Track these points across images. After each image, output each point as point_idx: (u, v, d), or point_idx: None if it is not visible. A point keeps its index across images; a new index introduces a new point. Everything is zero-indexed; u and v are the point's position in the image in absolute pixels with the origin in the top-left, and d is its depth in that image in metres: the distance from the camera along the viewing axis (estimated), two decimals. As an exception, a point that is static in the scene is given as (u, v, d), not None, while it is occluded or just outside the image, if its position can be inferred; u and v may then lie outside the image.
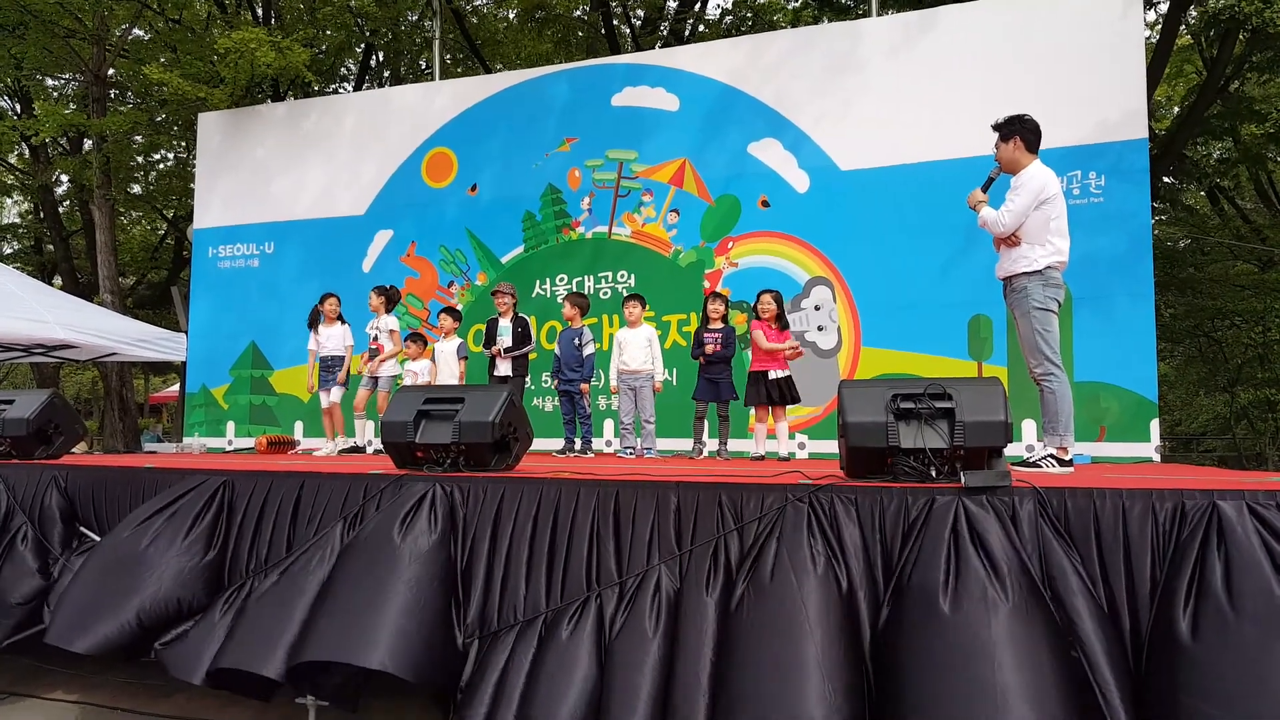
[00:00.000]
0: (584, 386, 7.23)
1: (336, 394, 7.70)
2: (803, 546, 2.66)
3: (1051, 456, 4.27)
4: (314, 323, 7.87)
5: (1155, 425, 7.11)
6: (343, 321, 7.88)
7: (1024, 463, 4.30)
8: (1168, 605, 2.38)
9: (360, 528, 3.21)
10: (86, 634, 3.26)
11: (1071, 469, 4.23)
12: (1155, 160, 8.15)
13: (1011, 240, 4.40)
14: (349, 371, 7.83)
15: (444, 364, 7.66)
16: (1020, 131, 4.48)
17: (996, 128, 4.57)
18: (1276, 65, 11.24)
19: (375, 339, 7.76)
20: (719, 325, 6.81)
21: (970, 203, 4.62)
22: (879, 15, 8.72)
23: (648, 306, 7.34)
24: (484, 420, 3.64)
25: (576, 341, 7.27)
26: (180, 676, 3.17)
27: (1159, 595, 2.43)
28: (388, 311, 7.91)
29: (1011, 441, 2.94)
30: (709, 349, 6.67)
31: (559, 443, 7.47)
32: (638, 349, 7.00)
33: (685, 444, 7.18)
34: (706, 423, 6.88)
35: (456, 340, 7.76)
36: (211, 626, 3.23)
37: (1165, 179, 13.65)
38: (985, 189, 4.60)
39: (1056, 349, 4.35)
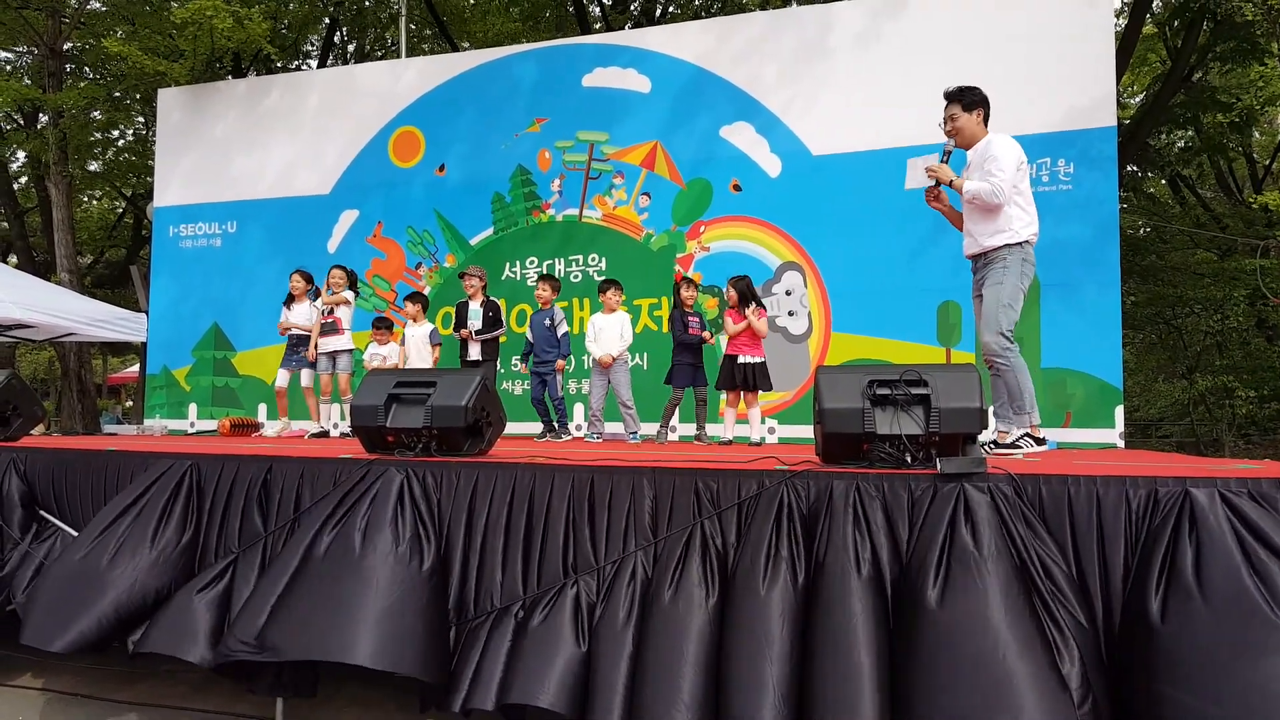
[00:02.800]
0: (559, 364, 7.21)
1: (307, 377, 7.59)
2: (768, 544, 2.66)
3: (1028, 435, 4.13)
4: (289, 300, 7.78)
5: (1120, 412, 7.22)
6: (311, 300, 7.75)
7: (999, 445, 4.20)
8: (1140, 591, 2.40)
9: (336, 517, 3.15)
10: (63, 633, 3.19)
11: (1046, 446, 4.16)
12: (1120, 148, 8.25)
13: (992, 211, 4.21)
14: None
15: (415, 349, 7.56)
16: (984, 102, 4.36)
17: (955, 97, 4.37)
18: (1240, 54, 11.41)
19: (330, 313, 7.60)
20: (694, 310, 6.86)
21: (942, 178, 4.38)
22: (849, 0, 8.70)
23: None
24: (457, 404, 3.59)
25: (549, 322, 7.23)
26: (176, 655, 3.09)
27: (1131, 582, 2.46)
28: (350, 288, 7.77)
29: (986, 428, 2.96)
30: (693, 332, 6.74)
31: (528, 427, 7.43)
32: (613, 335, 6.98)
33: (654, 428, 7.16)
34: (679, 408, 6.91)
35: (427, 325, 7.67)
36: (193, 611, 3.17)
37: (1128, 167, 13.84)
38: (942, 159, 4.42)
39: (1013, 326, 4.20)
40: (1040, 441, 4.15)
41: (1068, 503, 2.58)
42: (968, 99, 4.35)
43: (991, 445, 4.20)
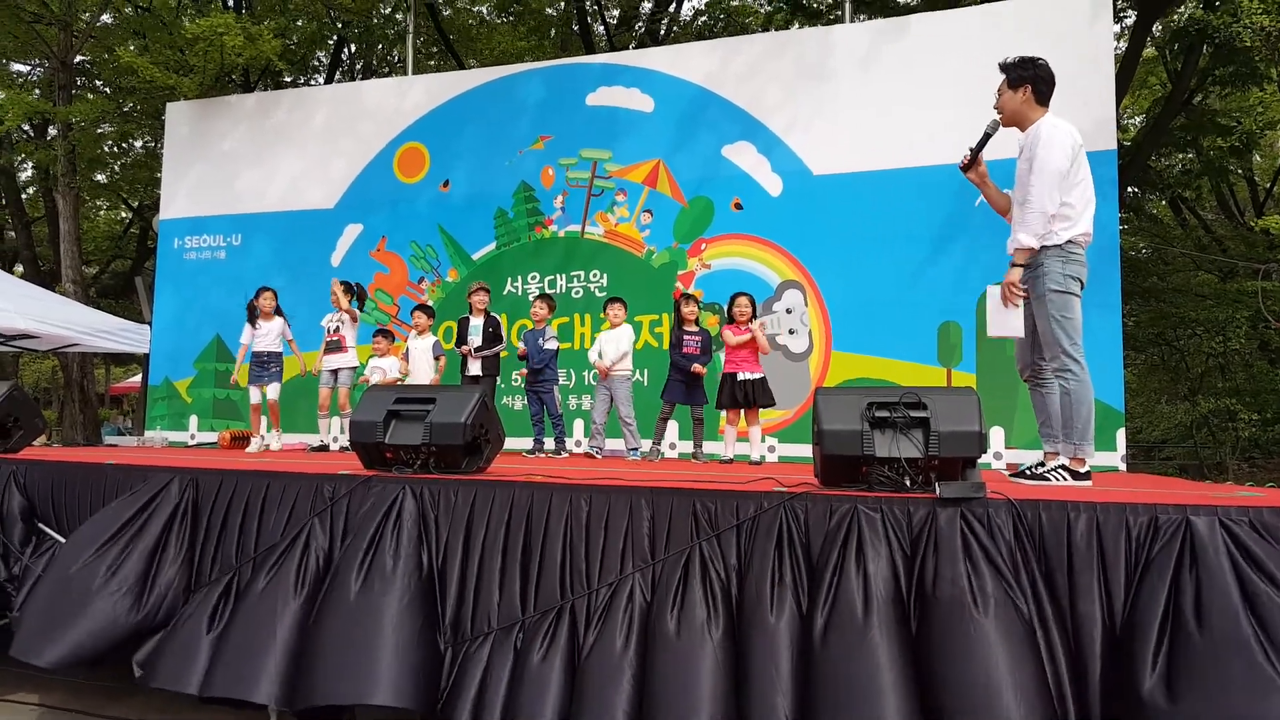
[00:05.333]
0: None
1: (274, 390, 7.59)
2: (771, 571, 2.66)
3: (1062, 467, 3.73)
4: (253, 316, 7.76)
5: (1121, 435, 7.20)
6: (280, 315, 7.78)
7: (1028, 474, 3.84)
8: (1138, 621, 2.39)
9: (335, 541, 3.17)
10: (54, 648, 3.20)
11: (1089, 482, 3.71)
12: (1120, 171, 8.27)
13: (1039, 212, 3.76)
14: (305, 368, 7.85)
15: (417, 361, 7.57)
16: (1034, 79, 3.87)
17: (1005, 68, 3.94)
18: (1240, 79, 11.45)
19: (336, 330, 7.63)
20: (695, 328, 6.83)
21: (1012, 298, 3.81)
22: (852, 21, 8.77)
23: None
24: (456, 421, 3.59)
25: (541, 340, 7.27)
26: (175, 689, 3.11)
27: (1130, 610, 2.44)
28: (358, 308, 7.82)
29: (985, 451, 2.95)
30: (688, 350, 6.71)
31: (528, 443, 7.44)
32: (616, 351, 7.00)
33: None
34: (673, 424, 6.90)
35: (430, 338, 7.68)
36: (196, 637, 3.17)
37: (1129, 189, 13.87)
38: (979, 149, 4.03)
39: (1077, 339, 3.77)
40: (1080, 476, 3.72)
41: (1067, 530, 2.57)
42: (1013, 74, 3.92)
43: (1026, 471, 3.90)
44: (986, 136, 4.01)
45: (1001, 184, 4.18)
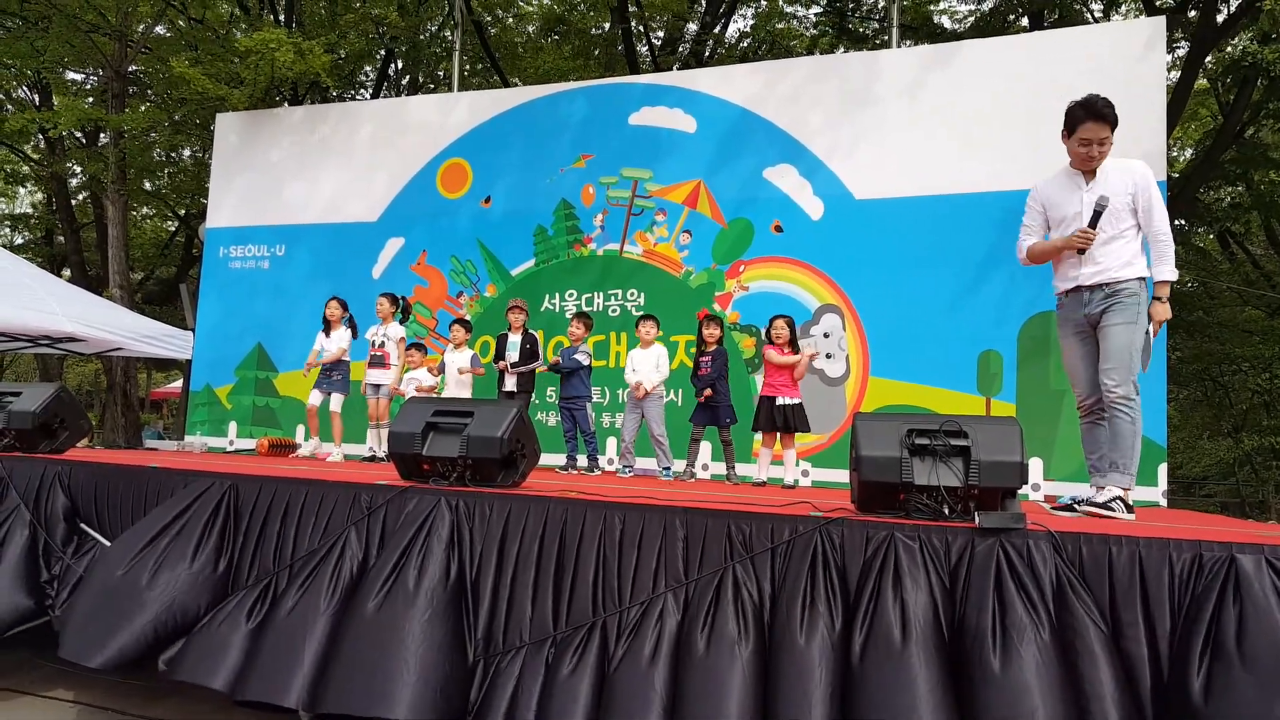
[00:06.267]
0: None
1: (336, 402, 7.68)
2: (804, 595, 2.63)
3: (1120, 499, 3.72)
4: (327, 325, 7.87)
5: (1163, 470, 7.05)
6: (349, 325, 7.87)
7: (1090, 505, 3.77)
8: (1181, 660, 2.34)
9: (370, 551, 3.21)
10: (102, 650, 3.26)
11: (1132, 516, 3.74)
12: (1168, 203, 8.13)
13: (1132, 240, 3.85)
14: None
15: (453, 374, 7.65)
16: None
17: (1111, 117, 3.85)
18: (1293, 113, 11.27)
19: (381, 345, 7.73)
20: (714, 348, 6.81)
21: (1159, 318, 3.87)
22: (898, 47, 8.75)
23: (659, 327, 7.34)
24: (493, 435, 3.61)
25: (574, 354, 7.30)
26: (202, 683, 3.15)
27: (1174, 649, 2.39)
28: (401, 322, 7.91)
29: (1026, 482, 2.91)
30: (703, 372, 6.70)
31: (562, 459, 7.46)
32: (649, 368, 7.00)
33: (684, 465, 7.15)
34: (703, 445, 6.86)
35: (468, 352, 7.75)
36: (226, 637, 3.21)
37: (1177, 221, 13.66)
38: (1094, 224, 3.88)
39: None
40: (1131, 509, 3.75)
41: (1108, 564, 2.52)
42: (1114, 116, 3.87)
43: (1076, 504, 3.84)
44: (1101, 211, 3.86)
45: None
